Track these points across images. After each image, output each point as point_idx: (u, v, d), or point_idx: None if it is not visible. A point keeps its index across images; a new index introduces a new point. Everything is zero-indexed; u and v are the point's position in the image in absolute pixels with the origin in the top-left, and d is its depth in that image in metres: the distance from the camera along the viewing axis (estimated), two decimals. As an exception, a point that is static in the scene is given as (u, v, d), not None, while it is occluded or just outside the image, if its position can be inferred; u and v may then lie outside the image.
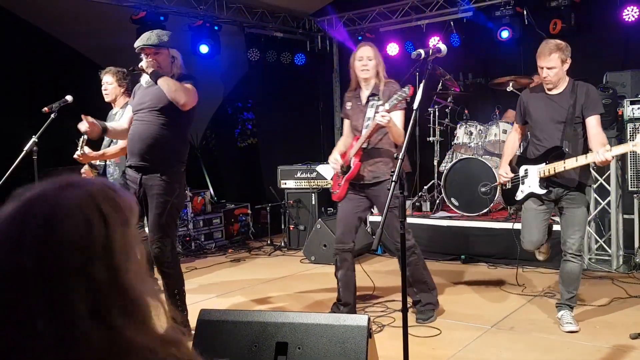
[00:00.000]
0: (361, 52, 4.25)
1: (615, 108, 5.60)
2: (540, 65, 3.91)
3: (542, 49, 3.90)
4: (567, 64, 3.92)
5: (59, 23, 7.23)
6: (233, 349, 2.73)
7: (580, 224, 4.00)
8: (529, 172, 4.09)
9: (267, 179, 8.76)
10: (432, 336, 4.07)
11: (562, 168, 3.83)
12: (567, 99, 3.93)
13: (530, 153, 4.18)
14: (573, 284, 4.09)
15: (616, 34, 6.92)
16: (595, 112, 3.90)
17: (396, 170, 2.57)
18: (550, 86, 3.97)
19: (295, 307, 4.86)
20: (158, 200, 3.92)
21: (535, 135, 4.12)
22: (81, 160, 4.57)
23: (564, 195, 4.00)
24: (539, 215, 4.11)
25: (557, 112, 3.96)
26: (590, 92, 3.93)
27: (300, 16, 8.92)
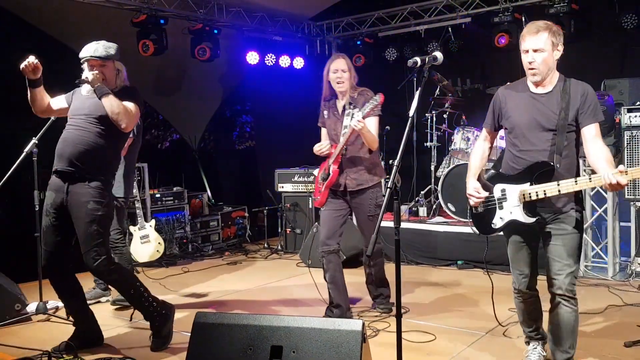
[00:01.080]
0: (335, 65, 4.34)
1: (611, 116, 5.62)
2: (524, 49, 3.12)
3: (528, 27, 3.14)
4: (559, 52, 3.14)
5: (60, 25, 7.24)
6: (228, 351, 2.74)
7: (572, 256, 3.14)
8: (507, 193, 3.22)
9: (265, 182, 8.78)
10: (426, 342, 4.08)
11: (557, 192, 3.03)
12: (558, 100, 3.11)
13: (506, 167, 3.32)
14: (569, 338, 3.19)
15: (614, 41, 6.95)
16: (595, 119, 3.09)
17: (391, 177, 2.58)
18: (537, 78, 3.12)
19: (290, 310, 4.88)
20: (87, 209, 3.77)
21: (514, 144, 3.25)
22: None
23: (553, 224, 3.19)
24: (522, 249, 3.33)
25: (544, 117, 3.13)
26: (588, 93, 3.12)
27: (300, 20, 8.95)
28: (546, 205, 3.15)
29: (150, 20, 6.96)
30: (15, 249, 5.90)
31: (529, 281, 3.36)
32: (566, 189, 3.00)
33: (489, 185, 3.32)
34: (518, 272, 3.37)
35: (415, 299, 5.21)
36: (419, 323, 4.49)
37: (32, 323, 4.72)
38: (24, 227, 5.69)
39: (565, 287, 3.12)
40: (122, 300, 4.92)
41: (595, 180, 2.93)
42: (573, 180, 2.99)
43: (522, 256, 3.33)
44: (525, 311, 3.49)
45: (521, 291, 3.40)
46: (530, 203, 3.12)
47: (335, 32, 9.06)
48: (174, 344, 4.12)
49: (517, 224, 3.19)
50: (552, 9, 6.93)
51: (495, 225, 3.28)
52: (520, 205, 3.14)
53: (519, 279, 3.37)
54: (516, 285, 3.40)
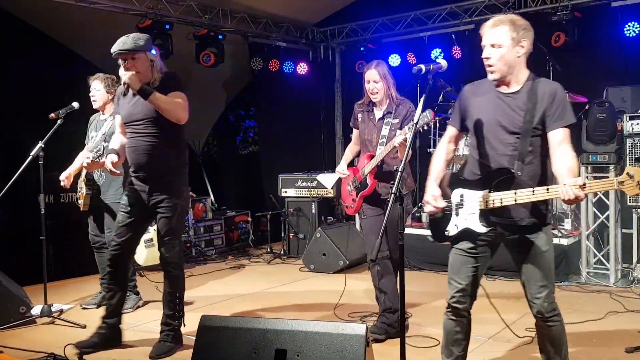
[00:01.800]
0: (368, 76, 4.28)
1: (612, 123, 5.65)
2: (482, 43, 2.88)
3: (489, 20, 2.90)
4: (524, 49, 2.85)
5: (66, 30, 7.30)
6: (233, 354, 2.77)
7: (546, 276, 2.93)
8: (465, 199, 2.95)
9: (268, 187, 8.82)
10: (429, 347, 4.10)
11: (513, 201, 2.77)
12: (525, 100, 2.84)
13: (468, 172, 3.07)
14: (562, 347, 3.07)
15: (617, 49, 6.98)
16: (563, 122, 2.80)
17: (396, 183, 2.61)
18: (495, 76, 2.86)
19: (294, 315, 4.90)
20: (167, 205, 4.00)
21: (476, 147, 3.01)
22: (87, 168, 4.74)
23: (516, 239, 2.94)
24: (468, 261, 3.01)
25: (508, 119, 2.86)
26: (557, 93, 2.82)
27: (304, 26, 9.00)
28: (509, 215, 2.89)
29: (156, 25, 7.01)
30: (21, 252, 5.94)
31: (464, 299, 3.04)
32: (523, 198, 2.74)
33: (447, 193, 3.05)
34: (455, 284, 3.03)
35: (419, 304, 5.23)
36: (423, 328, 4.51)
37: (37, 326, 4.74)
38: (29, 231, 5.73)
39: (546, 309, 2.94)
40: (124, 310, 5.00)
41: (552, 191, 2.66)
42: (530, 190, 2.73)
43: (465, 269, 3.01)
44: (451, 332, 3.13)
45: (452, 307, 3.07)
46: (488, 211, 2.86)
47: (339, 38, 9.11)
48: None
49: (471, 232, 2.92)
50: (554, 17, 6.96)
51: (449, 232, 3.00)
52: (477, 213, 2.88)
53: (453, 291, 3.05)
54: (449, 298, 3.08)
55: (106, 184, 5.02)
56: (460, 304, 3.04)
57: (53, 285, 5.85)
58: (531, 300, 2.96)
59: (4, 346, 4.13)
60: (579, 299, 5.30)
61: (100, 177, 5.05)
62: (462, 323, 3.10)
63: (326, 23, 9.12)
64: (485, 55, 2.84)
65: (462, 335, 3.12)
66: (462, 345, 3.14)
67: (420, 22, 8.13)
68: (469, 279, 3.01)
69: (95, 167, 4.79)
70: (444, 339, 3.18)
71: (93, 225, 5.19)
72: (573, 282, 5.83)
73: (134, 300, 5.19)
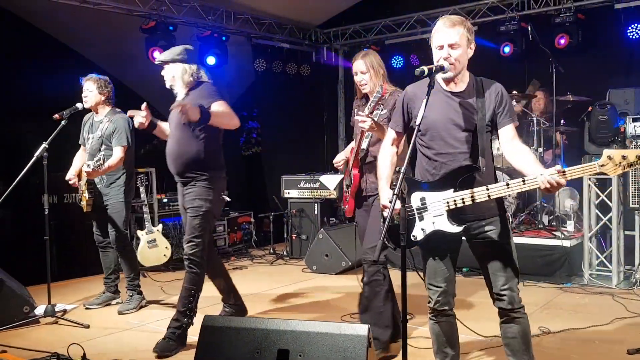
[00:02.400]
0: (355, 67, 4.09)
1: (613, 124, 5.64)
2: (438, 44, 2.89)
3: (442, 20, 2.93)
4: (472, 50, 2.94)
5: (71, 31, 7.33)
6: (235, 354, 2.78)
7: (511, 267, 2.94)
8: (427, 202, 2.90)
9: (271, 188, 8.82)
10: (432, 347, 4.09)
11: (486, 197, 2.76)
12: (474, 99, 2.93)
13: (422, 173, 3.04)
14: (530, 342, 3.05)
15: (620, 51, 6.99)
16: (511, 119, 2.93)
17: (398, 184, 2.61)
18: (450, 74, 2.89)
19: (296, 315, 4.91)
20: (194, 207, 4.20)
21: (430, 147, 2.98)
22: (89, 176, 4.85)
23: (479, 230, 2.95)
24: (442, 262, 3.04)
25: (462, 117, 2.92)
26: (502, 92, 2.95)
27: (307, 28, 9.02)
28: (470, 212, 2.89)
29: (159, 26, 7.05)
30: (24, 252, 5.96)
31: (446, 299, 3.06)
32: (497, 193, 2.75)
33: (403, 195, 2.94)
34: (435, 287, 3.06)
35: (422, 305, 5.22)
36: (425, 329, 4.50)
37: (40, 326, 4.76)
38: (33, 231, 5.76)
39: (515, 300, 2.94)
40: (127, 310, 5.10)
41: (529, 182, 2.67)
42: (503, 183, 2.74)
43: (442, 271, 3.03)
44: (440, 335, 3.13)
45: (436, 310, 3.08)
46: (456, 211, 2.85)
47: (342, 40, 9.13)
48: (180, 347, 4.17)
49: (441, 234, 2.88)
50: (558, 19, 6.98)
51: (416, 237, 2.94)
52: (444, 215, 2.85)
53: (434, 296, 3.07)
54: (431, 303, 3.09)
55: (107, 185, 5.07)
56: (443, 306, 3.07)
57: (56, 285, 5.86)
58: (499, 294, 2.96)
59: (7, 345, 4.16)
60: (581, 301, 5.30)
61: (102, 180, 5.09)
62: (449, 323, 3.13)
63: (329, 25, 9.15)
64: (444, 55, 2.86)
65: (451, 335, 3.15)
66: (453, 345, 3.17)
67: (423, 24, 8.15)
68: (447, 280, 3.04)
69: (96, 175, 4.86)
70: (435, 344, 3.18)
71: (98, 225, 5.23)
72: (575, 284, 5.82)
73: (137, 300, 5.21)
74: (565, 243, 5.92)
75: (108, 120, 5.06)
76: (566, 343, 4.16)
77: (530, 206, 6.79)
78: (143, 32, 7.10)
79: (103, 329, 4.66)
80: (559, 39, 6.91)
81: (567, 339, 4.24)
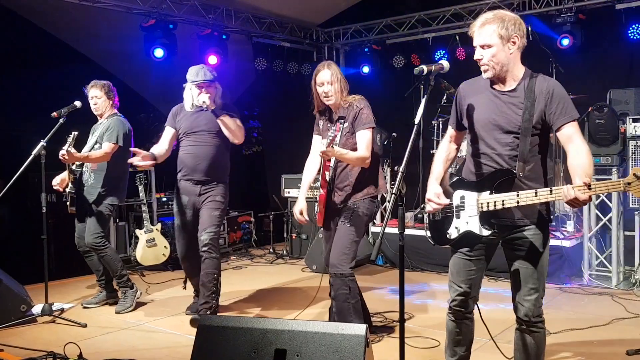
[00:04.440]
0: (320, 77, 3.92)
1: (613, 126, 5.63)
2: (474, 45, 2.84)
3: (477, 20, 2.84)
4: (516, 46, 2.76)
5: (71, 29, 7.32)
6: (232, 354, 2.76)
7: (539, 279, 2.84)
8: (466, 201, 2.88)
9: (271, 187, 8.82)
10: (430, 347, 4.09)
11: (515, 203, 2.70)
12: (522, 99, 2.77)
13: (466, 172, 3.00)
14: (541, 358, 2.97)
15: (621, 51, 6.97)
16: (567, 117, 2.72)
17: (396, 184, 2.59)
18: (489, 74, 2.80)
19: (295, 315, 4.89)
20: (217, 201, 4.68)
21: (476, 147, 2.93)
22: (66, 160, 4.77)
23: (513, 236, 2.86)
24: (468, 264, 2.95)
25: (505, 118, 2.79)
26: (554, 90, 2.75)
27: (308, 27, 9.00)
28: (507, 216, 2.82)
29: (160, 25, 7.02)
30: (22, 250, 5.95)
31: (466, 302, 3.00)
32: (525, 200, 2.67)
33: (450, 191, 2.96)
34: (456, 287, 2.99)
35: (420, 305, 5.23)
36: (424, 329, 4.50)
37: (38, 324, 4.75)
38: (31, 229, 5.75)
39: (533, 313, 2.85)
40: (125, 309, 5.08)
41: (556, 193, 2.59)
42: (533, 192, 2.66)
43: (465, 273, 2.96)
44: (453, 333, 3.09)
45: (453, 309, 3.03)
46: (487, 214, 2.79)
47: (343, 39, 9.11)
48: (177, 346, 4.16)
49: (472, 236, 2.85)
50: (559, 19, 6.95)
51: (450, 235, 2.92)
52: (477, 216, 2.81)
53: (453, 294, 3.01)
54: (449, 300, 3.06)
55: (94, 184, 5.05)
56: (461, 307, 3.01)
57: (54, 284, 5.87)
58: (519, 302, 2.88)
59: (4, 344, 4.15)
60: (580, 302, 5.28)
61: (90, 178, 5.06)
62: (464, 324, 3.07)
63: (330, 24, 9.13)
64: (477, 57, 2.81)
65: (464, 335, 3.09)
66: (465, 346, 3.12)
67: (425, 24, 8.14)
68: (469, 282, 2.97)
69: (71, 160, 4.83)
70: (447, 339, 3.15)
71: (80, 228, 5.17)
72: (575, 284, 5.81)
73: (131, 297, 5.17)
74: (565, 243, 5.91)
75: (106, 121, 5.07)
76: (566, 343, 4.14)
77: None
78: (143, 30, 7.08)
79: (100, 328, 4.65)
80: (561, 39, 6.89)
81: (566, 339, 4.22)
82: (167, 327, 4.70)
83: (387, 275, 6.56)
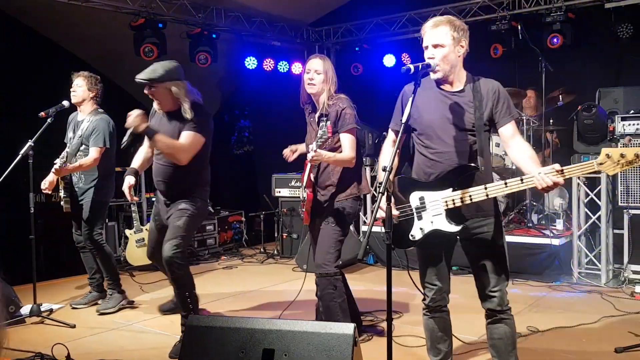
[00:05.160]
0: (310, 65, 3.94)
1: (602, 126, 5.65)
2: (424, 44, 2.94)
3: (428, 22, 2.97)
4: (463, 49, 2.93)
5: (58, 28, 7.28)
6: (220, 354, 2.75)
7: (503, 269, 2.97)
8: (426, 201, 2.91)
9: (262, 186, 8.80)
10: (419, 346, 4.09)
11: (484, 196, 2.78)
12: (471, 99, 2.92)
13: (419, 172, 3.05)
14: (515, 344, 3.07)
15: (610, 50, 7.00)
16: (511, 116, 2.93)
17: (384, 182, 2.59)
18: (439, 75, 2.91)
19: (285, 314, 4.88)
20: (181, 209, 4.08)
21: (427, 146, 3.00)
22: (59, 174, 4.76)
23: (475, 230, 2.96)
24: (438, 261, 3.07)
25: (458, 116, 2.92)
26: (499, 90, 2.94)
27: (298, 26, 8.99)
28: (467, 211, 2.90)
29: (149, 24, 6.99)
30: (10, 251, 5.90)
31: (441, 295, 3.11)
32: (495, 192, 2.77)
33: (401, 198, 2.98)
34: (431, 286, 3.10)
35: (410, 303, 5.23)
36: (413, 327, 4.50)
37: (26, 325, 4.72)
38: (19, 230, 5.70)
39: (504, 302, 2.98)
40: (106, 309, 5.05)
41: (527, 181, 2.69)
42: (502, 182, 2.75)
43: (437, 270, 3.07)
44: (434, 330, 3.18)
45: (431, 307, 3.13)
46: (454, 210, 2.86)
47: (333, 38, 9.11)
48: (166, 346, 4.14)
49: (440, 234, 2.89)
50: (548, 18, 6.98)
51: (414, 237, 2.94)
52: (443, 214, 2.86)
53: (430, 293, 3.11)
54: (426, 300, 3.13)
55: (85, 185, 5.03)
56: (438, 302, 3.12)
57: (43, 285, 5.84)
58: (488, 294, 2.99)
59: (-8, 345, 4.11)
60: (570, 300, 5.31)
61: (80, 180, 5.05)
62: (442, 318, 3.17)
63: (321, 23, 9.12)
64: (429, 55, 2.90)
65: (445, 331, 3.19)
66: (447, 341, 3.21)
67: (415, 23, 8.13)
68: (442, 278, 3.08)
69: (64, 173, 4.81)
70: (429, 340, 3.23)
71: (77, 225, 5.18)
72: (564, 282, 5.83)
73: (117, 299, 5.14)
74: (554, 242, 5.93)
75: (89, 120, 5.02)
76: (554, 341, 4.16)
77: (519, 205, 6.79)
78: (132, 30, 7.05)
79: (89, 328, 4.63)
80: (551, 39, 6.91)
81: (555, 338, 4.24)
82: (156, 327, 4.68)
83: (377, 274, 6.56)
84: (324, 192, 3.98)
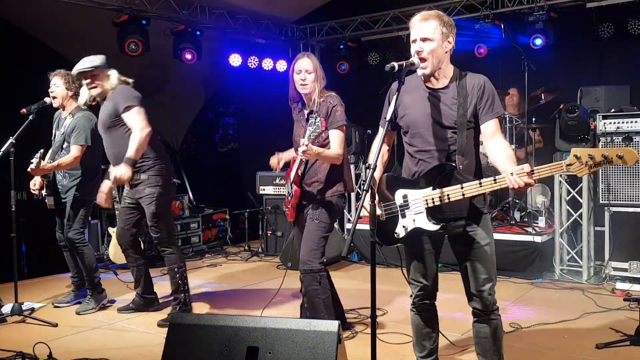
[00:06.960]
0: (300, 65, 3.94)
1: (584, 124, 5.71)
2: (412, 38, 2.88)
3: (417, 15, 2.91)
4: (450, 44, 2.88)
5: (41, 24, 7.18)
6: (204, 352, 2.75)
7: (490, 268, 2.95)
8: (409, 199, 2.92)
9: (247, 184, 8.76)
10: (403, 343, 4.11)
11: (460, 195, 2.77)
12: (455, 95, 2.87)
13: (407, 171, 3.04)
14: (501, 344, 3.07)
15: (591, 49, 7.07)
16: (494, 114, 2.86)
17: (368, 179, 2.60)
18: (426, 71, 2.85)
19: (270, 312, 4.88)
20: (144, 194, 4.54)
21: (412, 144, 2.99)
22: (35, 174, 4.70)
23: (460, 229, 2.94)
24: (424, 259, 3.07)
25: (442, 114, 2.88)
26: (485, 86, 2.88)
27: (283, 23, 8.97)
28: (449, 210, 2.88)
29: (132, 21, 6.93)
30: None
31: (428, 294, 3.12)
32: (470, 192, 2.76)
33: (387, 195, 3.00)
34: (417, 283, 3.11)
35: (395, 301, 5.25)
36: (397, 324, 4.52)
37: (7, 324, 4.67)
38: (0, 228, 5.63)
39: (491, 302, 2.96)
40: (86, 311, 5.00)
41: (500, 181, 2.67)
42: (477, 182, 2.74)
43: (423, 267, 3.07)
44: (420, 327, 3.20)
45: (418, 304, 3.16)
46: (434, 209, 2.84)
47: (318, 36, 9.10)
48: (149, 344, 4.12)
49: (421, 232, 2.90)
50: (531, 17, 7.03)
51: (399, 234, 2.95)
52: (424, 212, 2.86)
53: (416, 290, 3.13)
54: (412, 297, 3.16)
55: (69, 183, 4.99)
56: (425, 300, 3.14)
57: (25, 284, 5.79)
58: (475, 294, 2.97)
59: (-28, 345, 4.07)
60: (552, 296, 5.36)
61: (64, 178, 5.00)
62: (429, 315, 3.18)
63: (306, 20, 9.10)
64: (417, 48, 2.84)
65: (431, 327, 3.20)
66: (432, 338, 3.22)
67: (399, 21, 8.15)
68: (428, 276, 3.08)
69: (40, 173, 4.78)
70: (415, 335, 3.25)
71: (60, 223, 5.12)
72: (546, 279, 5.90)
73: (96, 300, 5.09)
74: (536, 239, 5.99)
75: (71, 117, 4.96)
76: (536, 338, 4.20)
77: (502, 202, 6.85)
78: (115, 26, 6.98)
79: (72, 327, 4.59)
80: (534, 40, 6.96)
81: (537, 334, 4.29)
82: (139, 325, 4.66)
83: (361, 272, 6.58)
84: (309, 189, 3.99)
